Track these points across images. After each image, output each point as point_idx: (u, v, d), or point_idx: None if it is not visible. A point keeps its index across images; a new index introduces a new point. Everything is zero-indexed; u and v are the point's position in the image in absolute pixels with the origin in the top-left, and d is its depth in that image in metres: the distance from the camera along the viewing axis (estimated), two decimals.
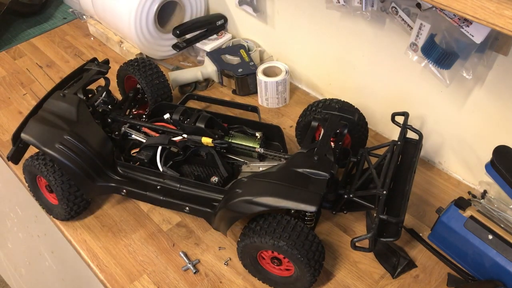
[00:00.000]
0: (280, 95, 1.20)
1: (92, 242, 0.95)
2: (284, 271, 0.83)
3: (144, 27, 1.29)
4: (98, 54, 1.43)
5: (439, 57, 0.83)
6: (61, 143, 0.87)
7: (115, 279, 0.89)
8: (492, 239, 0.79)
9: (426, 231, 0.92)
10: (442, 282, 0.85)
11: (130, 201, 1.00)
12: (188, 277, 0.88)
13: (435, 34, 0.83)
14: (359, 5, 0.94)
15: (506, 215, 0.83)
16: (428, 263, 0.88)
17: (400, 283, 0.86)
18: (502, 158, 0.80)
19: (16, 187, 1.06)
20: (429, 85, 0.96)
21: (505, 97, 0.86)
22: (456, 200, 0.85)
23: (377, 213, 0.76)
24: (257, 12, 1.25)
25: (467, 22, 0.75)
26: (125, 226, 0.97)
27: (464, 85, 0.90)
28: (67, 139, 0.88)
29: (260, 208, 0.78)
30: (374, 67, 1.06)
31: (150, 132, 1.00)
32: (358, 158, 0.90)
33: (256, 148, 0.92)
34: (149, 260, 0.91)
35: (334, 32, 1.10)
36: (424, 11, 0.83)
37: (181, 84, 1.27)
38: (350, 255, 0.90)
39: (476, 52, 0.81)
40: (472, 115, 0.93)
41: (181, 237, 0.94)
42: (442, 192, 1.00)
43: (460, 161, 1.01)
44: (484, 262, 0.81)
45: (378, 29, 0.99)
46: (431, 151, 1.05)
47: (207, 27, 1.35)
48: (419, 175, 1.03)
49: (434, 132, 1.02)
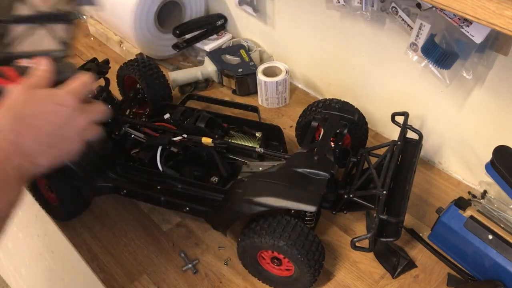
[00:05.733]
0: (280, 95, 1.20)
1: (92, 242, 0.95)
2: (284, 271, 0.83)
3: (144, 27, 1.29)
4: (98, 54, 1.43)
5: (439, 57, 0.83)
6: None
7: (115, 279, 0.89)
8: (492, 239, 0.79)
9: (426, 231, 0.92)
10: (442, 282, 0.85)
11: (130, 201, 1.00)
12: (188, 277, 0.88)
13: (435, 34, 0.83)
14: (359, 5, 0.94)
15: (506, 215, 0.83)
16: (428, 263, 0.88)
17: (400, 283, 0.86)
18: (502, 158, 0.80)
19: None
20: (429, 85, 0.96)
21: (505, 97, 0.86)
22: (456, 200, 0.85)
23: (377, 213, 0.76)
24: (257, 12, 1.25)
25: (467, 22, 0.75)
26: (125, 226, 0.97)
27: (464, 85, 0.90)
28: None
29: (260, 208, 0.78)
30: (374, 67, 1.06)
31: (150, 132, 1.00)
32: (358, 158, 0.90)
33: (256, 148, 0.92)
34: (149, 260, 0.91)
35: (334, 32, 1.10)
36: (424, 11, 0.83)
37: (181, 84, 1.27)
38: (350, 255, 0.90)
39: (476, 52, 0.81)
40: (472, 115, 0.93)
41: (181, 237, 0.94)
42: (442, 192, 1.00)
43: (460, 161, 1.01)
44: (484, 262, 0.81)
45: (378, 29, 0.99)
46: (431, 151, 1.05)
47: (207, 27, 1.35)
48: (419, 175, 1.03)
49: (434, 132, 1.02)
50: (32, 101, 0.59)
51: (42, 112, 0.58)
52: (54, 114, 0.59)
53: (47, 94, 0.60)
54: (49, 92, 0.60)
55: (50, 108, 0.59)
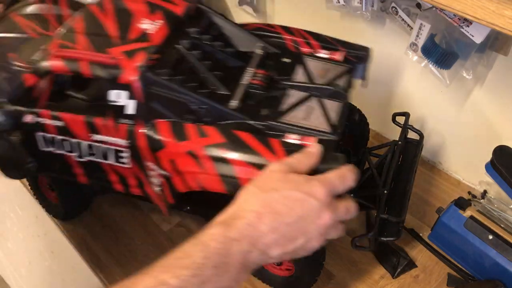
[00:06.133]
0: None
1: (92, 242, 0.94)
2: (285, 271, 0.83)
3: None
4: None
5: (439, 57, 0.83)
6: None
7: (115, 279, 0.88)
8: (492, 239, 0.79)
9: (426, 231, 0.92)
10: (442, 282, 0.85)
11: (130, 201, 1.00)
12: None
13: (435, 34, 0.83)
14: (359, 5, 0.94)
15: (506, 215, 0.83)
16: (428, 263, 0.88)
17: (400, 283, 0.86)
18: (502, 158, 0.80)
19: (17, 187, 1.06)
20: (429, 85, 0.96)
21: (505, 97, 0.86)
22: (456, 200, 0.85)
23: (377, 213, 0.76)
24: (257, 12, 1.25)
25: (467, 22, 0.75)
26: (125, 226, 0.97)
27: (464, 85, 0.90)
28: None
29: None
30: (374, 67, 1.06)
31: None
32: (359, 158, 0.90)
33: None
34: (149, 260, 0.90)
35: (334, 32, 1.09)
36: (424, 11, 0.84)
37: None
38: (350, 255, 0.90)
39: (476, 52, 0.81)
40: (472, 115, 0.93)
41: (181, 237, 0.94)
42: (442, 192, 1.00)
43: (460, 161, 1.01)
44: (484, 262, 0.81)
45: (378, 29, 0.99)
46: (431, 151, 1.05)
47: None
48: (419, 175, 1.03)
49: (434, 132, 1.02)
50: (283, 185, 0.53)
51: (288, 199, 0.52)
52: (300, 203, 0.52)
53: (300, 181, 0.54)
54: (302, 179, 0.54)
55: (297, 196, 0.52)
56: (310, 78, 0.73)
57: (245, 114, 0.67)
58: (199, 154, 0.64)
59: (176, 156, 0.66)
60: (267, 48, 0.79)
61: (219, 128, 0.65)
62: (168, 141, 0.66)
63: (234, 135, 0.64)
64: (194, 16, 0.78)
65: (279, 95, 0.71)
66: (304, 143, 0.63)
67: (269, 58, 0.78)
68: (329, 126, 0.66)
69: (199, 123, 0.67)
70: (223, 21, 0.81)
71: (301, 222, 0.52)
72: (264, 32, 0.83)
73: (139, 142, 0.68)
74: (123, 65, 0.66)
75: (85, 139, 0.71)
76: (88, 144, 0.72)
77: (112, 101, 0.67)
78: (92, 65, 0.67)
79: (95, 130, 0.70)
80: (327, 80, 0.73)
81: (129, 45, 0.69)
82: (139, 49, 0.68)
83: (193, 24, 0.76)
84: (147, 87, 0.65)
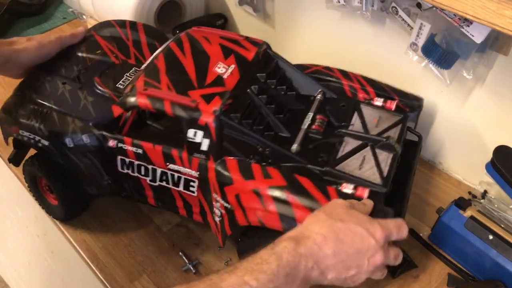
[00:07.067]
0: None
1: (92, 242, 0.94)
2: None
3: None
4: None
5: (440, 57, 0.83)
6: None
7: (115, 279, 0.88)
8: (493, 239, 0.79)
9: (426, 231, 0.92)
10: (442, 282, 0.85)
11: (130, 201, 1.00)
12: (188, 278, 0.88)
13: (435, 34, 0.83)
14: (359, 5, 0.94)
15: (506, 215, 0.83)
16: (428, 263, 0.88)
17: (400, 283, 0.86)
18: (502, 158, 0.80)
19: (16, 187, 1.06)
20: (429, 85, 0.96)
21: (505, 97, 0.86)
22: (456, 200, 0.85)
23: None
24: (257, 12, 1.25)
25: (467, 22, 0.75)
26: (125, 226, 0.97)
27: (465, 85, 0.90)
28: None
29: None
30: (374, 67, 1.06)
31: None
32: None
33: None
34: (149, 260, 0.91)
35: (334, 32, 1.10)
36: (424, 11, 0.83)
37: None
38: None
39: (477, 52, 0.81)
40: (472, 115, 0.93)
41: (181, 237, 0.94)
42: (442, 192, 1.00)
43: (460, 161, 1.01)
44: (484, 262, 0.81)
45: (378, 29, 0.99)
46: (431, 151, 1.05)
47: (207, 26, 1.35)
48: (419, 175, 1.03)
49: (434, 132, 1.02)
50: (349, 218, 0.61)
51: (352, 232, 0.60)
52: (361, 239, 0.59)
53: (363, 219, 0.62)
54: (366, 218, 0.62)
55: (360, 231, 0.60)
56: (365, 126, 0.79)
57: (304, 158, 0.75)
58: (263, 194, 0.70)
59: (242, 192, 0.72)
60: (326, 93, 0.86)
61: (281, 170, 0.72)
62: (236, 178, 0.72)
63: (295, 179, 0.71)
64: (262, 60, 0.85)
65: (336, 142, 0.77)
66: (358, 195, 0.70)
67: (328, 103, 0.84)
68: (380, 178, 0.72)
69: (263, 163, 0.74)
70: (287, 65, 0.88)
71: (358, 255, 0.59)
72: (323, 76, 0.91)
73: (209, 175, 0.74)
74: (201, 109, 0.73)
75: (161, 166, 0.78)
76: (162, 171, 0.78)
77: (189, 137, 0.74)
78: (175, 106, 0.74)
79: (171, 160, 0.77)
80: (380, 129, 0.79)
81: (206, 89, 0.76)
82: (215, 93, 0.75)
83: (260, 68, 0.83)
84: (220, 129, 0.73)
